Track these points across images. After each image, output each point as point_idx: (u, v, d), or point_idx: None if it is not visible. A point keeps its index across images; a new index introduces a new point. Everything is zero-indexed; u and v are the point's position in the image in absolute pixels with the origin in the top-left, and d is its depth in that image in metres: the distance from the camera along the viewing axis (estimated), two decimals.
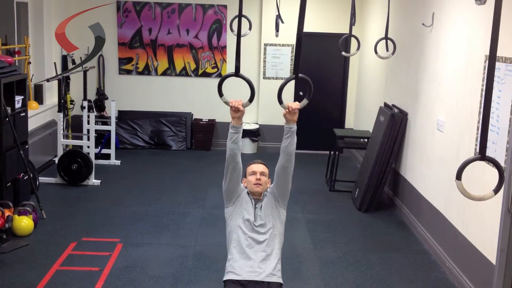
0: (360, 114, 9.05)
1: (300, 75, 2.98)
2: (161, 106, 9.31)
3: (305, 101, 3.11)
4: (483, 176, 4.00)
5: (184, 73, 9.36)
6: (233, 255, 3.21)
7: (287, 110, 3.10)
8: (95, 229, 5.56)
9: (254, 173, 3.33)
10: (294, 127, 3.16)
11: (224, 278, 3.21)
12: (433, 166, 5.39)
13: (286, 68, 9.22)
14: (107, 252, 4.97)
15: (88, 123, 7.48)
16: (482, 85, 4.26)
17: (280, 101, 3.00)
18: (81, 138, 7.62)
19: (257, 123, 9.38)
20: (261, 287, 3.12)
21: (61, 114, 7.10)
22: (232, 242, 3.24)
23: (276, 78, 9.22)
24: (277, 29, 7.61)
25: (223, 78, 2.94)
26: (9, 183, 5.68)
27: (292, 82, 9.22)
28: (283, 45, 9.17)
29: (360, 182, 6.69)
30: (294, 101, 9.24)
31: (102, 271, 4.59)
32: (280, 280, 3.20)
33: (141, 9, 9.14)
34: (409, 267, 4.96)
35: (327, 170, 7.69)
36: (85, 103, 7.53)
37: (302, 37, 2.91)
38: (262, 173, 3.34)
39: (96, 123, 7.65)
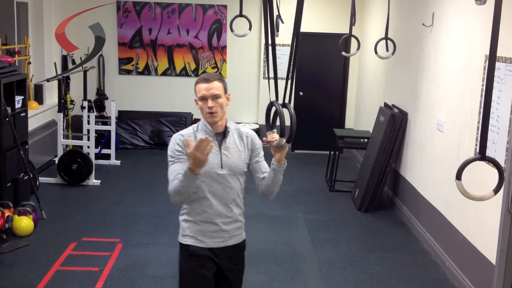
0: (360, 114, 9.05)
1: (277, 103, 2.48)
2: (161, 106, 9.31)
3: (280, 140, 2.51)
4: (483, 176, 4.00)
5: (184, 73, 9.36)
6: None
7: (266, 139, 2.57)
8: (95, 229, 5.56)
9: (203, 98, 2.66)
10: (281, 167, 2.65)
11: None
12: (433, 166, 5.39)
13: (286, 68, 9.19)
14: (107, 252, 4.97)
15: (88, 123, 7.48)
16: (482, 85, 4.26)
17: (268, 126, 2.56)
18: (81, 138, 7.62)
19: (257, 123, 9.38)
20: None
21: (61, 114, 7.10)
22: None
23: None
24: (277, 29, 7.61)
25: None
26: (9, 183, 5.68)
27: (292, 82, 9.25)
28: (283, 45, 9.17)
29: (360, 182, 6.69)
30: (294, 102, 9.26)
31: (102, 271, 4.59)
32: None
33: (141, 9, 9.15)
34: (409, 267, 4.96)
35: (327, 170, 7.69)
36: (85, 103, 7.53)
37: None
38: (214, 97, 2.65)
39: (96, 123, 7.64)
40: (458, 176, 2.47)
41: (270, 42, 2.60)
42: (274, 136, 2.57)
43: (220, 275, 2.82)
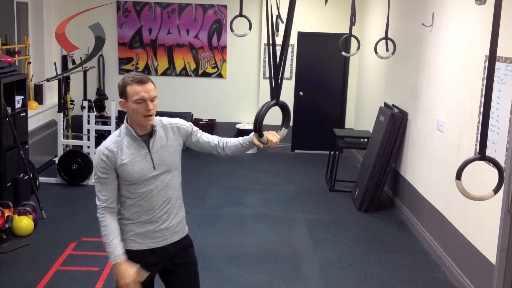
0: (360, 114, 9.05)
1: (281, 101, 2.63)
2: (161, 106, 9.26)
3: (284, 131, 2.72)
4: (483, 176, 4.00)
5: (184, 73, 9.36)
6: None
7: (265, 145, 2.67)
8: (95, 229, 5.48)
9: (142, 100, 2.56)
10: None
11: None
12: (433, 166, 5.39)
13: (286, 68, 9.21)
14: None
15: (88, 123, 7.48)
16: (482, 85, 4.27)
17: (260, 133, 2.63)
18: (81, 138, 7.62)
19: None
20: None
21: (61, 114, 7.10)
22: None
23: None
24: (277, 29, 7.60)
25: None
26: (9, 183, 5.68)
27: (292, 82, 9.27)
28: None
29: (360, 182, 6.69)
30: (294, 102, 9.28)
31: (102, 271, 4.59)
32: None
33: (141, 9, 9.15)
34: (409, 267, 4.96)
35: (327, 170, 7.69)
36: (85, 103, 7.53)
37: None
38: (152, 100, 2.61)
39: (96, 123, 7.65)
40: (458, 176, 2.47)
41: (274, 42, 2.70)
42: (275, 134, 2.70)
43: (170, 273, 2.79)
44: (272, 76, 2.64)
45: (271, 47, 2.63)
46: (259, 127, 2.61)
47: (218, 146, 2.83)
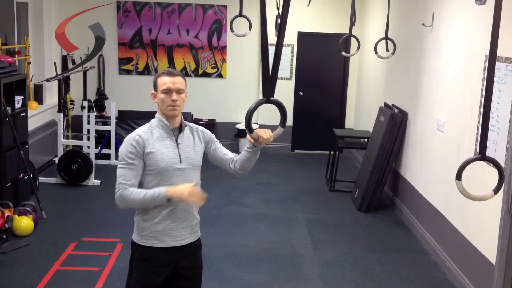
0: (360, 114, 9.05)
1: (272, 99, 2.56)
2: None
3: (280, 130, 2.72)
4: (483, 176, 4.00)
5: (184, 73, 9.35)
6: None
7: (257, 141, 2.72)
8: (95, 229, 5.56)
9: (168, 91, 2.65)
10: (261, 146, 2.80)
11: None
12: (433, 166, 5.39)
13: (286, 68, 9.22)
14: (107, 252, 4.97)
15: (88, 123, 7.48)
16: (482, 85, 4.26)
17: (250, 129, 2.64)
18: (81, 138, 7.62)
19: (257, 123, 9.38)
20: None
21: (61, 114, 7.10)
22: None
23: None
24: (277, 29, 7.60)
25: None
26: (9, 183, 5.68)
27: (292, 82, 9.28)
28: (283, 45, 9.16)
29: (360, 182, 6.69)
30: (294, 102, 9.28)
31: (102, 271, 4.59)
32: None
33: (141, 9, 9.14)
34: (409, 267, 4.96)
35: (327, 170, 7.69)
36: (85, 103, 7.54)
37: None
38: (179, 91, 2.68)
39: (96, 123, 7.65)
40: (458, 176, 2.48)
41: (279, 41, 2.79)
42: (267, 131, 2.74)
43: (175, 275, 2.80)
44: (264, 73, 2.62)
45: (263, 43, 2.66)
46: (248, 123, 2.63)
47: (232, 160, 2.89)
